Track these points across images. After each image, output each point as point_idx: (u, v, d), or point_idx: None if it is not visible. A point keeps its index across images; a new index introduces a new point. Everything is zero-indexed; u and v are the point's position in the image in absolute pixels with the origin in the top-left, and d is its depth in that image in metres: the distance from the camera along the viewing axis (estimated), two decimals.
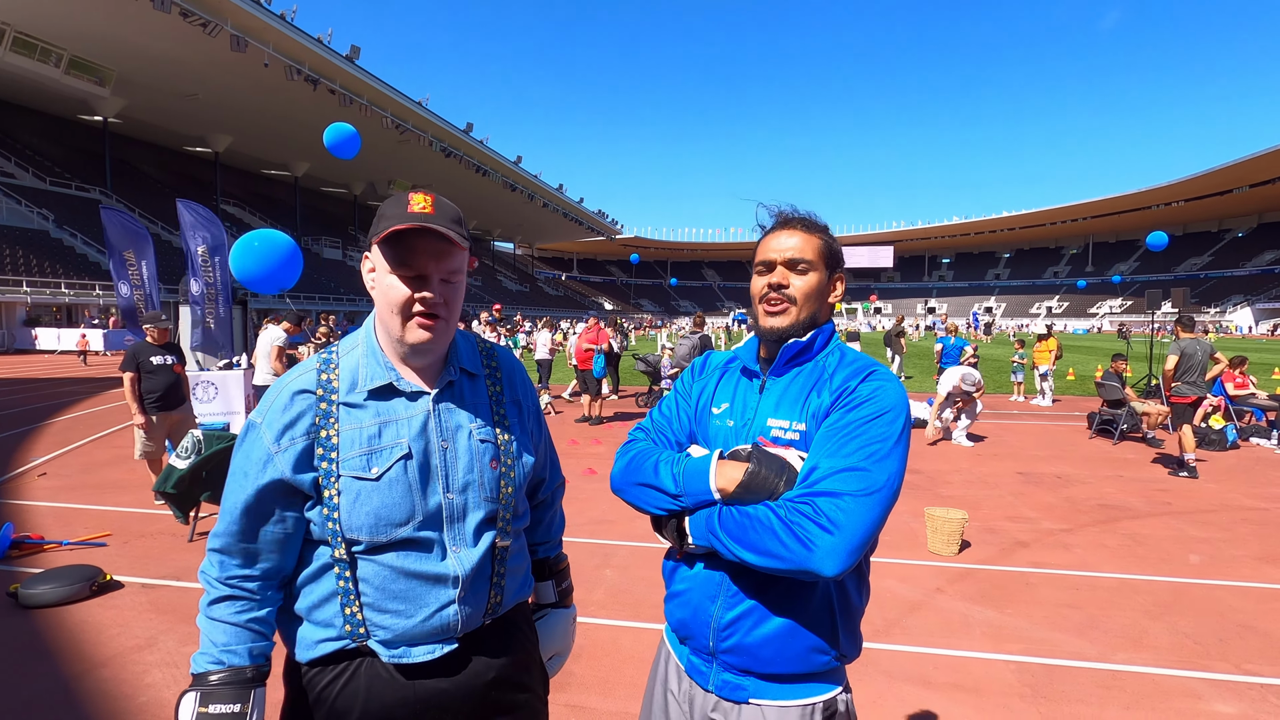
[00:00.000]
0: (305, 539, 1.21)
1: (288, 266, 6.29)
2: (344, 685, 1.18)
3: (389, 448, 1.17)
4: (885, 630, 3.68)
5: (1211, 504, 6.32)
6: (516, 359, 1.46)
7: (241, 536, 1.17)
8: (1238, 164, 66.05)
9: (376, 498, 1.15)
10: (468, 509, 1.22)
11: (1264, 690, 3.14)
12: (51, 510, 5.75)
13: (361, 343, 1.25)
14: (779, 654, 1.23)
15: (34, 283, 29.07)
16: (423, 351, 1.21)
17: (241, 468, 1.18)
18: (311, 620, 1.20)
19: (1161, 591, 4.28)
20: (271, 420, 1.17)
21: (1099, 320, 78.48)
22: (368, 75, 37.90)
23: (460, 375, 1.28)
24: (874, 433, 1.17)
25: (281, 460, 1.15)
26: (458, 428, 1.24)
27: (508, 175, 57.69)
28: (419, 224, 1.12)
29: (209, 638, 1.16)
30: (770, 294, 1.32)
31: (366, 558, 1.16)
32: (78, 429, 9.72)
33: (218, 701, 1.11)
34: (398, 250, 1.15)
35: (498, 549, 1.26)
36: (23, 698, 2.97)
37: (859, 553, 1.10)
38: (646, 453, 1.36)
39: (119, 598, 4.02)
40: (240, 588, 1.17)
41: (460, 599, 1.19)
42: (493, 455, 1.26)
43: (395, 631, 1.16)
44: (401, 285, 1.15)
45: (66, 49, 33.10)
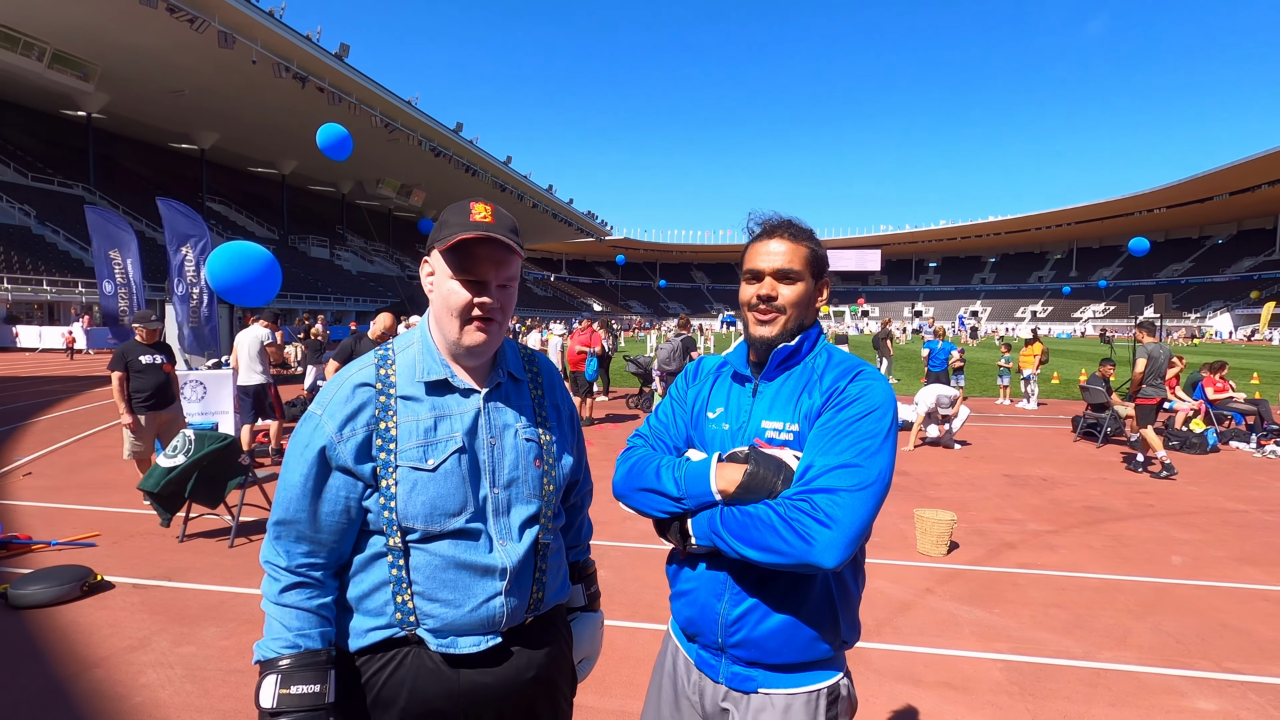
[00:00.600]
0: (361, 528, 1.25)
1: (265, 279, 6.25)
2: (391, 674, 1.21)
3: (444, 441, 1.23)
4: (876, 630, 3.73)
5: (1193, 506, 6.44)
6: (555, 367, 1.51)
7: (306, 525, 1.21)
8: (1218, 172, 67.12)
9: (433, 488, 1.20)
10: (512, 504, 1.28)
11: (1244, 687, 3.22)
12: (38, 510, 5.69)
13: (417, 341, 1.31)
14: (785, 645, 1.28)
15: (15, 280, 28.65)
16: (477, 353, 1.27)
17: (301, 456, 1.21)
18: (362, 609, 1.23)
19: (1145, 592, 4.36)
20: (333, 411, 1.21)
21: (1082, 325, 79.44)
22: (357, 73, 37.62)
23: (507, 378, 1.34)
24: (864, 430, 1.22)
25: (344, 450, 1.20)
26: (505, 426, 1.30)
27: (497, 175, 57.47)
28: (483, 233, 1.18)
29: (280, 623, 1.18)
30: (760, 304, 1.37)
31: (419, 547, 1.21)
32: (62, 428, 9.60)
33: (298, 683, 1.14)
34: (460, 257, 1.21)
35: (540, 545, 1.31)
36: (16, 698, 2.96)
37: (856, 544, 1.16)
38: (647, 459, 1.40)
39: (110, 598, 3.99)
40: (308, 575, 1.21)
41: (506, 591, 1.24)
42: (536, 454, 1.32)
43: (444, 620, 1.20)
44: (462, 290, 1.22)
45: (50, 43, 32.59)
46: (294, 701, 1.13)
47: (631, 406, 12.82)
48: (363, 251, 59.95)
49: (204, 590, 4.15)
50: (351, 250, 58.69)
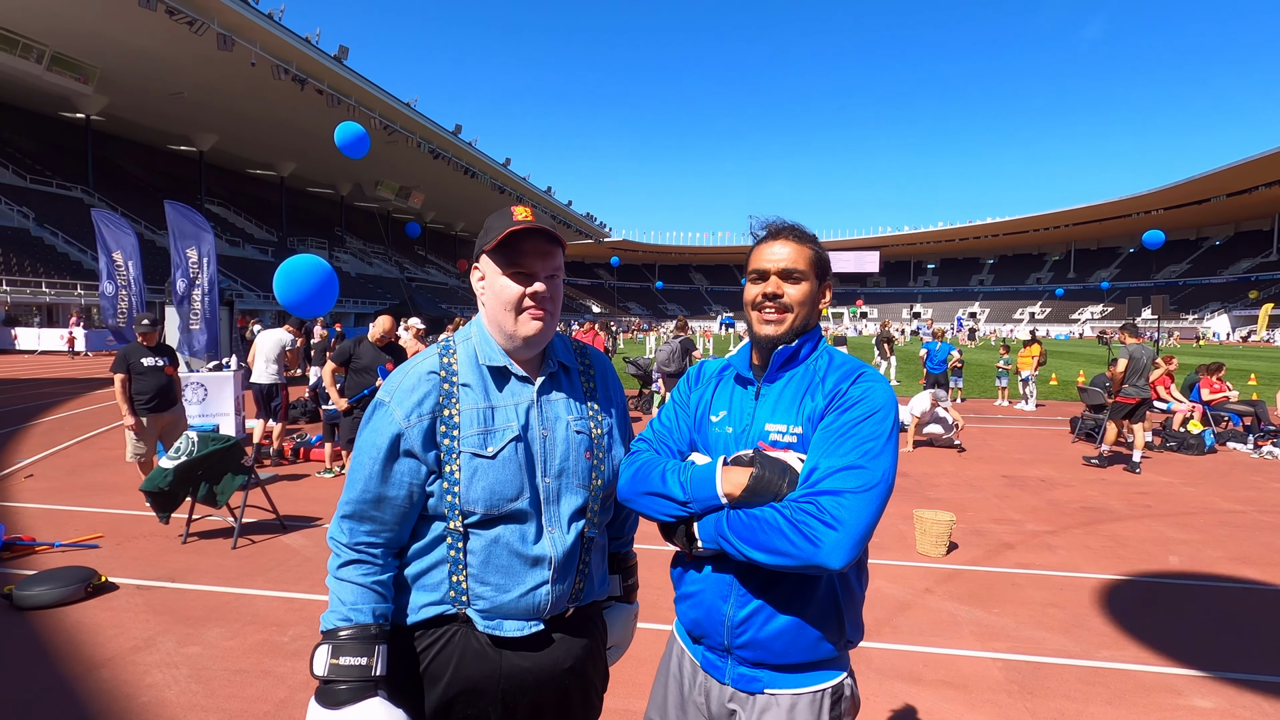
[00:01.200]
0: (421, 513, 1.31)
1: (326, 290, 6.48)
2: (440, 650, 1.28)
3: (502, 429, 1.30)
4: (876, 629, 3.76)
5: (1190, 507, 6.48)
6: (608, 360, 1.57)
7: (371, 505, 1.27)
8: (1216, 173, 67.30)
9: (492, 474, 1.27)
10: (562, 494, 1.34)
11: (1240, 686, 3.25)
12: (41, 512, 5.71)
13: (475, 335, 1.38)
14: (790, 646, 1.31)
15: (14, 282, 28.65)
16: (533, 344, 1.33)
17: (372, 441, 1.28)
18: (419, 586, 1.30)
19: (1142, 591, 4.40)
20: (401, 399, 1.28)
21: (1081, 326, 79.57)
22: (356, 75, 37.70)
23: (559, 369, 1.41)
24: (866, 431, 1.25)
25: (411, 435, 1.26)
26: (556, 418, 1.36)
27: (496, 177, 57.54)
28: (530, 225, 1.27)
29: (338, 597, 1.25)
30: (765, 303, 1.39)
31: (477, 531, 1.28)
32: (63, 430, 9.62)
33: (347, 654, 1.20)
34: (509, 254, 1.30)
35: (585, 538, 1.36)
36: (25, 697, 2.98)
37: (862, 545, 1.18)
38: (652, 463, 1.41)
39: (114, 599, 4.01)
40: (367, 553, 1.27)
41: (552, 580, 1.30)
42: (587, 447, 1.38)
43: (493, 603, 1.27)
44: (514, 284, 1.30)
45: (49, 45, 32.64)
46: (342, 671, 1.19)
47: (632, 408, 12.85)
48: (361, 253, 59.96)
49: (207, 591, 4.17)
50: (350, 252, 58.69)
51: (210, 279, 9.08)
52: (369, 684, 1.20)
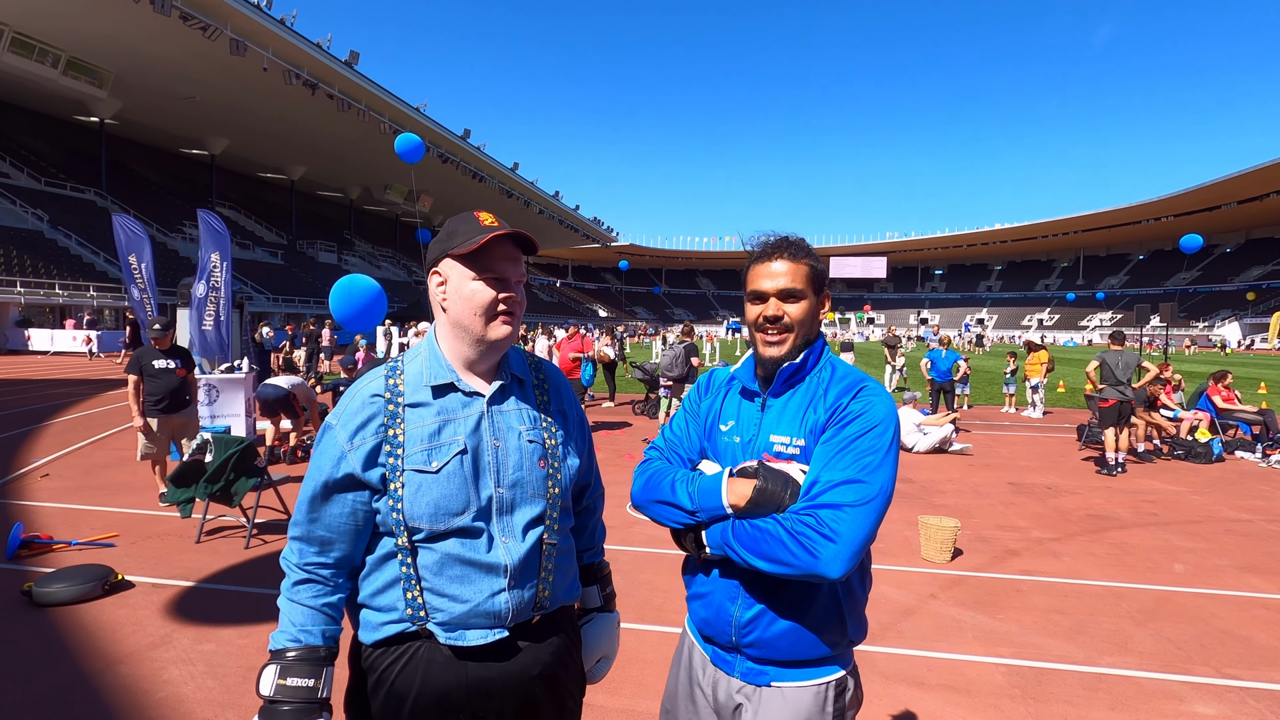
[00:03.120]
0: (373, 531, 1.32)
1: (376, 307, 7.14)
2: (403, 667, 1.27)
3: (447, 444, 1.29)
4: (880, 634, 3.79)
5: (1197, 515, 6.48)
6: (562, 374, 1.58)
7: (317, 526, 1.28)
8: (1226, 180, 66.94)
9: (436, 489, 1.26)
10: (516, 504, 1.33)
11: (1243, 693, 3.27)
12: (58, 511, 5.80)
13: (424, 352, 1.38)
14: (795, 645, 1.37)
15: (28, 283, 28.94)
16: (500, 347, 1.34)
17: (318, 464, 1.29)
18: (375, 605, 1.30)
19: (1147, 599, 4.41)
20: (345, 422, 1.29)
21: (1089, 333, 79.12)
22: (366, 80, 37.98)
23: (511, 380, 1.41)
24: (866, 445, 1.30)
25: (353, 457, 1.27)
26: (509, 428, 1.35)
27: (504, 181, 57.77)
28: (508, 231, 1.28)
29: (288, 618, 1.26)
30: (767, 325, 1.43)
31: (426, 545, 1.27)
32: (77, 431, 9.74)
33: (295, 675, 1.22)
34: (482, 259, 1.30)
35: (545, 545, 1.35)
36: (45, 693, 3.05)
37: (859, 556, 1.24)
38: (663, 471, 1.48)
39: (131, 597, 4.09)
40: (316, 574, 1.29)
41: (510, 588, 1.29)
42: (540, 455, 1.37)
43: (452, 614, 1.26)
44: (487, 288, 1.30)
45: (65, 50, 33.05)
46: (289, 692, 1.20)
47: (638, 413, 12.88)
48: (370, 257, 60.27)
49: (222, 590, 4.24)
50: (359, 255, 59.00)
51: (227, 281, 9.21)
52: (314, 706, 1.21)
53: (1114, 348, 8.73)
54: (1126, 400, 8.36)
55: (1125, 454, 8.47)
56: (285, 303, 40.41)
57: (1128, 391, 8.38)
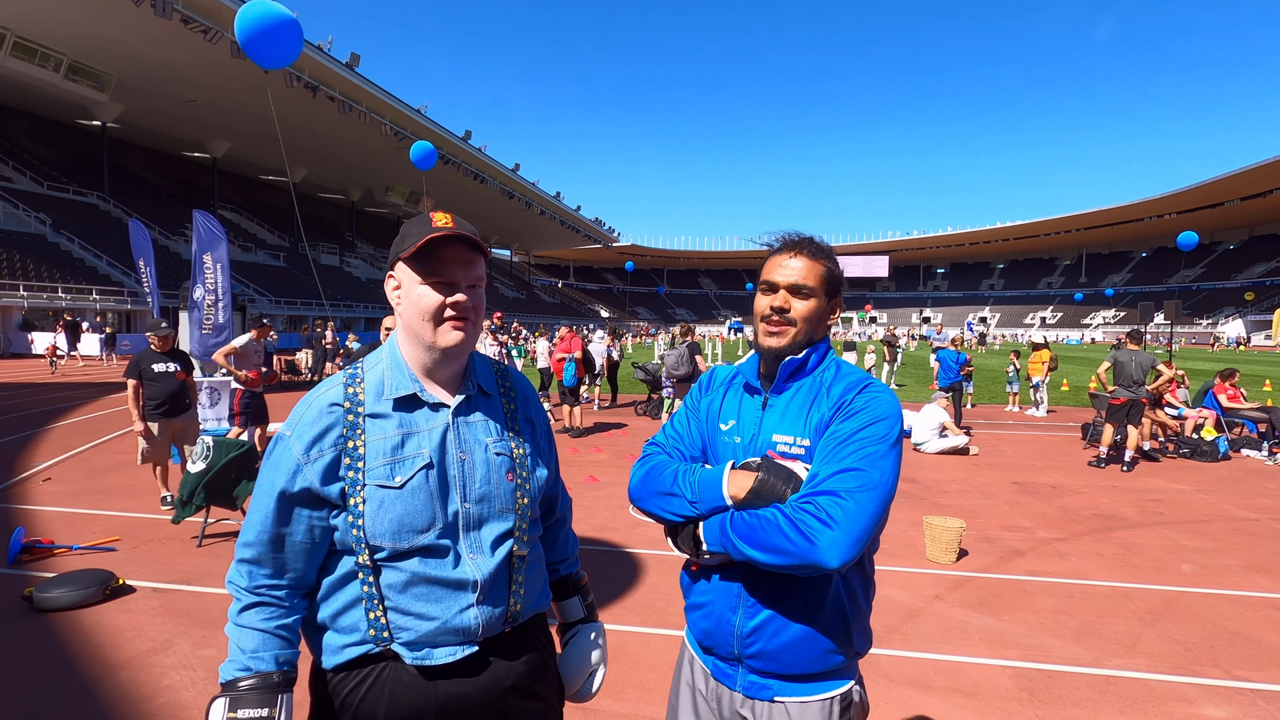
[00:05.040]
0: (330, 549, 1.25)
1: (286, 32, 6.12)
2: (368, 690, 1.21)
3: (411, 457, 1.23)
4: (886, 636, 3.76)
5: (1204, 514, 6.43)
6: (529, 382, 1.53)
7: (270, 546, 1.20)
8: (1229, 177, 66.74)
9: (400, 505, 1.20)
10: (484, 518, 1.28)
11: (1253, 695, 3.23)
12: (59, 515, 5.79)
13: (385, 358, 1.31)
14: (800, 658, 1.33)
15: (30, 287, 28.98)
16: (454, 355, 1.27)
17: (270, 478, 1.21)
18: (336, 627, 1.23)
19: (1154, 599, 4.37)
20: (301, 433, 1.21)
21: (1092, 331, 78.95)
22: (367, 82, 38.02)
23: (477, 392, 1.34)
24: (868, 436, 1.27)
25: (310, 471, 1.20)
26: (475, 441, 1.30)
27: (505, 183, 57.80)
28: (450, 232, 1.21)
29: (237, 645, 1.18)
30: (772, 315, 1.41)
31: (389, 564, 1.20)
32: (79, 434, 9.74)
33: (246, 706, 1.13)
34: (428, 262, 1.23)
35: (515, 558, 1.31)
36: (46, 698, 3.03)
37: (860, 545, 1.19)
38: (663, 465, 1.45)
39: (132, 602, 4.07)
40: (269, 596, 1.20)
41: (479, 603, 1.24)
42: (509, 468, 1.32)
43: (418, 633, 1.20)
44: (434, 293, 1.23)
45: (67, 54, 33.09)
46: None
47: (639, 413, 12.86)
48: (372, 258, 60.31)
49: (223, 594, 4.21)
50: (361, 257, 59.04)
51: (225, 283, 9.20)
52: None
53: (1130, 346, 8.64)
54: (1138, 400, 8.31)
55: (1134, 452, 8.42)
56: (287, 305, 40.45)
57: (1140, 392, 8.32)
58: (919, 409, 9.79)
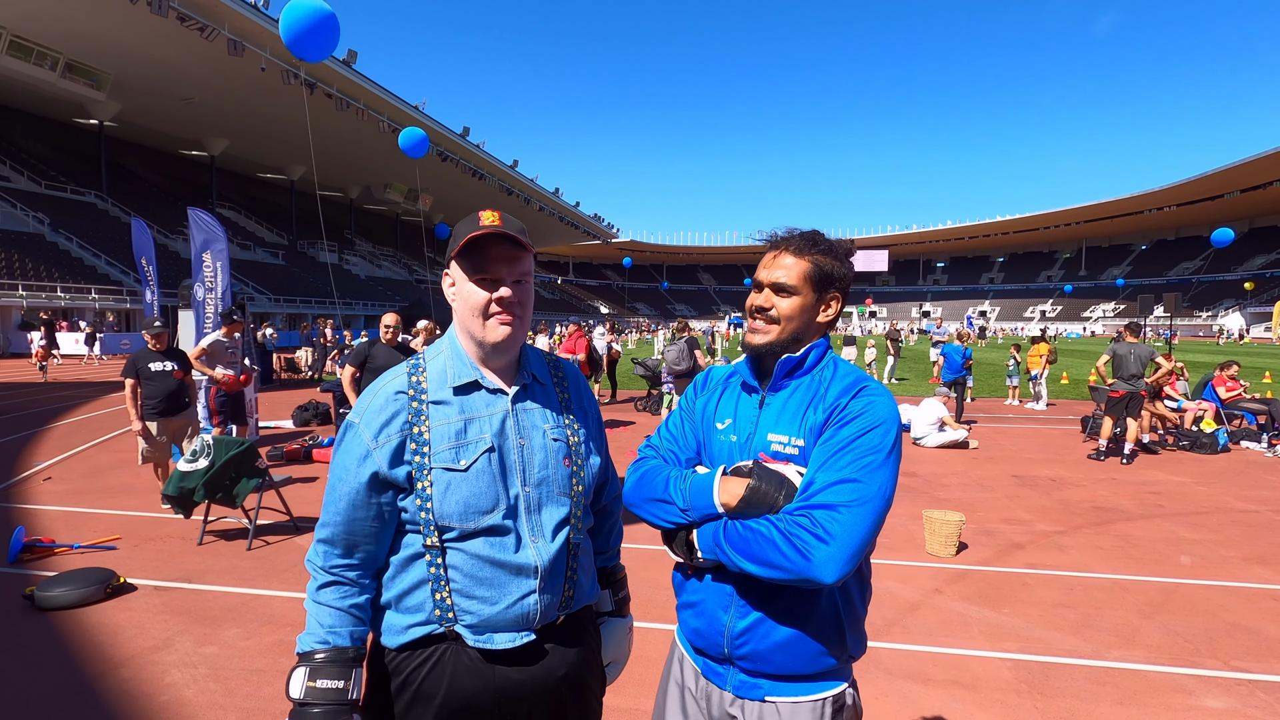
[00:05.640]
0: (397, 531, 1.31)
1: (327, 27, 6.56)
2: (431, 669, 1.26)
3: (474, 442, 1.29)
4: (885, 630, 3.77)
5: (1203, 506, 6.44)
6: (580, 372, 1.58)
7: (343, 527, 1.27)
8: (1229, 169, 66.62)
9: (465, 487, 1.26)
10: (543, 503, 1.33)
11: (1251, 686, 3.24)
12: (60, 514, 5.80)
13: (446, 349, 1.38)
14: (792, 659, 1.31)
15: (29, 286, 28.98)
16: (502, 349, 1.33)
17: (342, 464, 1.29)
18: (401, 608, 1.29)
19: (1153, 591, 4.38)
20: (369, 420, 1.28)
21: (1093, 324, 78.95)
22: (364, 79, 37.90)
23: (532, 381, 1.40)
24: (865, 445, 1.24)
25: (379, 455, 1.26)
26: (533, 427, 1.35)
27: (504, 179, 57.69)
28: (491, 230, 1.26)
29: (316, 620, 1.26)
30: (756, 313, 1.41)
31: (455, 545, 1.26)
32: (79, 433, 9.75)
33: (324, 677, 1.21)
34: (474, 260, 1.30)
35: (571, 544, 1.35)
36: (47, 696, 3.04)
37: (856, 559, 1.18)
38: (656, 470, 1.44)
39: (133, 600, 4.08)
40: (343, 575, 1.28)
41: (540, 589, 1.29)
42: (565, 454, 1.37)
43: (481, 617, 1.26)
44: (480, 290, 1.29)
45: (63, 52, 33.02)
46: (318, 695, 1.20)
47: (639, 409, 12.87)
48: (371, 256, 60.29)
49: (224, 592, 4.23)
50: (360, 255, 59.01)
51: (224, 282, 9.19)
52: (344, 708, 1.20)
53: (1129, 339, 8.64)
54: (1137, 392, 8.33)
55: (1133, 444, 8.43)
56: (287, 303, 40.44)
57: (1139, 384, 8.33)
58: (919, 403, 9.79)
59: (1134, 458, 8.43)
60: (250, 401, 8.65)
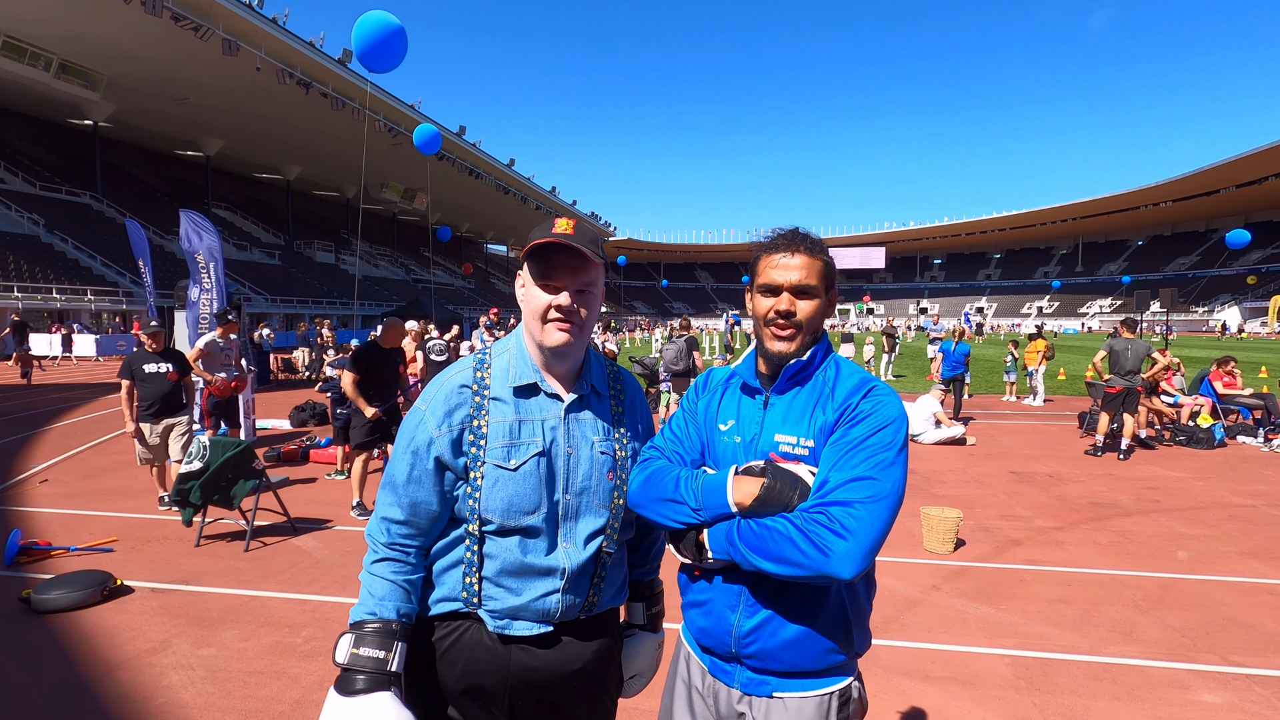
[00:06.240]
0: (449, 515, 1.37)
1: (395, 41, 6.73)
2: (454, 642, 1.34)
3: (527, 443, 1.34)
4: (884, 627, 3.77)
5: (1199, 501, 6.46)
6: (640, 386, 1.60)
7: (406, 508, 1.34)
8: (1225, 164, 66.72)
9: (512, 486, 1.32)
10: (581, 512, 1.38)
11: (1249, 680, 3.25)
12: (56, 516, 5.78)
13: (512, 347, 1.43)
14: (799, 656, 1.32)
15: (25, 288, 28.86)
16: (561, 354, 1.37)
17: (408, 447, 1.35)
18: (439, 582, 1.37)
19: (1151, 587, 4.39)
20: (435, 409, 1.35)
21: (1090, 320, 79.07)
22: (360, 79, 37.69)
23: (590, 391, 1.44)
24: (877, 444, 1.25)
25: (441, 443, 1.33)
26: (583, 437, 1.40)
27: (501, 178, 57.58)
28: (555, 239, 1.30)
29: (368, 590, 1.31)
30: (778, 319, 1.37)
31: (494, 537, 1.33)
32: (75, 435, 9.72)
33: (368, 646, 1.26)
34: (541, 265, 1.34)
35: (603, 554, 1.40)
36: (44, 700, 3.03)
37: (873, 554, 1.19)
38: (664, 470, 1.42)
39: (130, 602, 4.07)
40: (400, 552, 1.34)
41: (564, 590, 1.34)
42: (610, 468, 1.41)
43: (504, 606, 1.32)
44: (542, 294, 1.34)
45: (57, 53, 32.84)
46: (362, 661, 1.24)
47: None
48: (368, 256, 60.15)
49: (221, 594, 4.22)
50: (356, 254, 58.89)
51: (219, 283, 9.17)
52: (384, 677, 1.24)
53: (1125, 334, 8.68)
54: (1134, 388, 8.35)
55: (1130, 440, 8.45)
56: (284, 303, 40.34)
57: (1136, 380, 8.36)
58: (915, 399, 9.80)
59: (1131, 453, 8.45)
60: (247, 402, 8.63)
